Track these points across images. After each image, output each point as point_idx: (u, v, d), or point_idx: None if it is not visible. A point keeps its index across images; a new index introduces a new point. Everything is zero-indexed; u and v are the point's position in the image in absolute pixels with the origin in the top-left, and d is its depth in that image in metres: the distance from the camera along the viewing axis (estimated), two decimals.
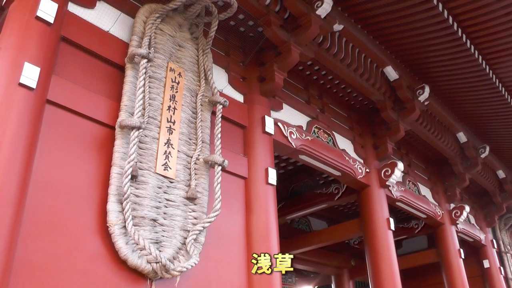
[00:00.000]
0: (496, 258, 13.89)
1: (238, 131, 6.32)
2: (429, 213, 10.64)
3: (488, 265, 13.48)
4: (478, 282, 13.41)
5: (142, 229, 4.37)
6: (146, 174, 4.59)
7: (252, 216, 5.86)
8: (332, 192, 9.95)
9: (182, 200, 4.86)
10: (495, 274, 13.46)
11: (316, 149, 7.49)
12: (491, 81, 8.14)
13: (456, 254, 11.37)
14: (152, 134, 4.82)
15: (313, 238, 11.49)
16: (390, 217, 8.75)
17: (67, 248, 3.95)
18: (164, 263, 4.25)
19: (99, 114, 4.58)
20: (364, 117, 9.36)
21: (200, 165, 5.15)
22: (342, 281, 14.61)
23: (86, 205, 4.22)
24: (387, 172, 8.71)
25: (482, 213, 14.32)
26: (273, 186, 6.25)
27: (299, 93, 7.89)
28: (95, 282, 4.04)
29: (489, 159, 11.75)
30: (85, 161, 4.37)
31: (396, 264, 8.45)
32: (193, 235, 4.72)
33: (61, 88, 4.37)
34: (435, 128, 9.90)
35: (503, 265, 14.16)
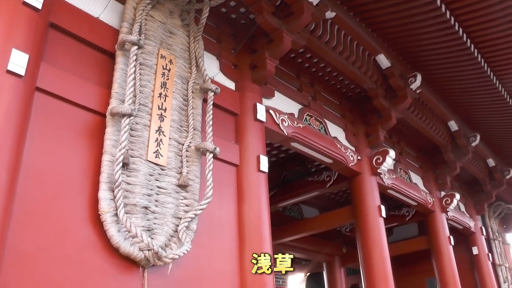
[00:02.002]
0: (484, 245, 14.05)
1: (230, 118, 6.30)
2: (420, 200, 10.72)
3: (477, 252, 13.64)
4: (467, 268, 13.56)
5: (134, 216, 4.36)
6: (137, 162, 4.58)
7: (244, 204, 5.87)
8: (323, 180, 9.97)
9: (173, 188, 4.85)
10: (483, 261, 13.63)
11: (308, 137, 7.49)
12: (483, 69, 8.16)
13: (446, 241, 11.48)
14: (143, 121, 4.79)
15: (305, 225, 11.54)
16: (382, 204, 8.79)
17: (58, 237, 3.94)
18: (156, 251, 4.26)
19: (90, 102, 4.54)
20: (356, 105, 9.37)
21: (192, 153, 5.14)
22: (333, 268, 14.71)
23: (77, 193, 4.20)
24: (379, 160, 8.74)
25: (472, 201, 14.44)
26: (265, 173, 6.26)
27: (291, 80, 7.88)
28: (88, 270, 4.03)
29: (479, 148, 11.83)
30: (76, 149, 4.34)
31: (387, 251, 8.52)
32: (185, 222, 4.72)
33: (51, 75, 4.32)
34: (426, 117, 9.93)
35: (491, 252, 14.33)
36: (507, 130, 11.08)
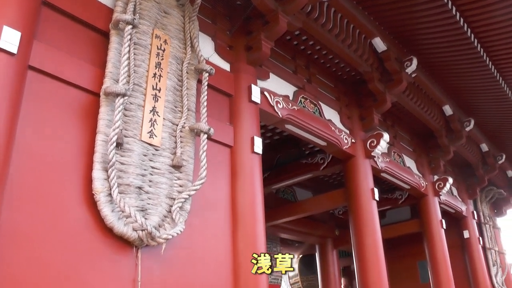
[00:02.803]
0: (475, 229, 14.19)
1: (224, 99, 6.29)
2: (413, 184, 10.78)
3: (468, 236, 13.78)
4: (458, 251, 13.73)
5: (128, 196, 4.37)
6: (131, 142, 4.57)
7: (238, 185, 5.88)
8: (317, 162, 9.99)
9: (167, 168, 4.86)
10: (474, 244, 13.78)
11: (302, 119, 7.49)
12: (479, 54, 8.14)
13: (438, 224, 11.58)
14: (137, 101, 4.77)
15: (298, 207, 11.60)
16: (375, 187, 8.84)
17: (52, 217, 3.94)
18: (150, 231, 4.27)
19: (84, 81, 4.51)
20: (351, 88, 9.36)
21: (186, 133, 5.13)
22: (326, 250, 14.81)
23: (71, 173, 4.19)
24: (373, 143, 8.76)
25: (465, 185, 14.54)
26: (259, 155, 6.27)
27: (286, 63, 7.85)
28: (81, 250, 4.04)
29: (473, 133, 11.87)
30: (70, 128, 4.32)
31: (379, 234, 8.58)
32: (178, 203, 4.73)
33: (44, 53, 4.28)
34: (421, 101, 9.94)
35: (482, 236, 14.48)
36: (501, 116, 11.12)
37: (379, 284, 8.16)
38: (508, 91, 9.50)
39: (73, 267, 3.95)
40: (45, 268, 3.77)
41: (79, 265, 3.99)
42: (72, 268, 3.94)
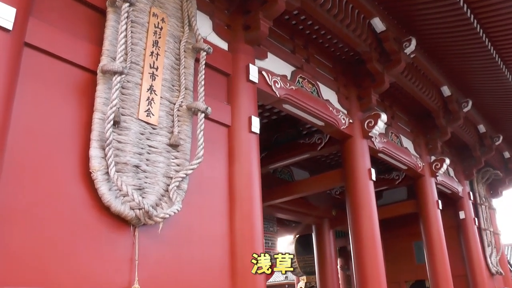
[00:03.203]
0: (471, 210, 14.28)
1: (222, 79, 6.26)
2: (410, 164, 10.81)
3: (464, 216, 13.87)
4: (454, 232, 13.83)
5: (125, 175, 4.37)
6: (128, 120, 4.56)
7: (235, 164, 5.89)
8: (315, 142, 10.00)
9: (164, 147, 4.86)
10: (469, 225, 13.88)
11: (300, 99, 7.47)
12: (478, 35, 8.09)
13: (434, 205, 11.65)
14: (135, 79, 4.75)
15: (295, 187, 11.62)
16: (372, 168, 8.86)
17: (49, 195, 3.95)
18: (147, 210, 4.28)
19: (81, 59, 4.48)
20: (349, 68, 9.32)
21: (183, 112, 5.12)
22: (322, 230, 14.90)
23: (68, 151, 4.19)
24: (370, 123, 8.76)
25: (461, 166, 14.59)
26: (256, 134, 6.26)
27: (284, 42, 7.81)
28: (79, 228, 4.06)
29: (471, 114, 11.87)
30: (67, 106, 4.30)
31: (376, 214, 8.63)
32: (176, 182, 4.74)
33: (40, 30, 4.24)
34: (419, 81, 9.92)
35: (477, 217, 14.57)
36: (499, 97, 11.11)
37: (375, 264, 8.22)
38: (507, 72, 9.48)
39: (70, 245, 3.96)
40: (42, 246, 3.78)
41: (76, 243, 4.01)
42: (69, 246, 3.95)
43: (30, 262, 3.68)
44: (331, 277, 14.56)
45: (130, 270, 4.32)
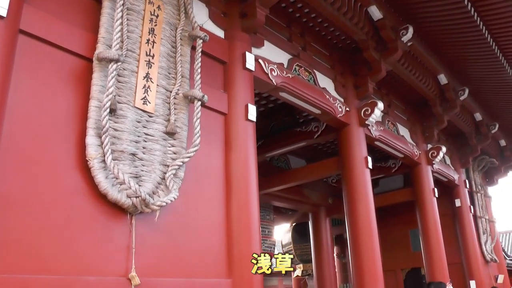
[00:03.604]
0: (467, 198, 14.36)
1: (218, 67, 6.25)
2: (406, 152, 10.83)
3: (460, 204, 13.95)
4: (449, 220, 13.91)
5: (122, 163, 4.37)
6: (124, 108, 4.55)
7: (232, 152, 5.89)
8: (311, 131, 10.01)
9: (161, 135, 4.85)
10: (465, 213, 13.96)
11: (297, 87, 7.47)
12: (476, 23, 8.08)
13: (430, 193, 11.70)
14: (131, 67, 4.74)
15: (291, 175, 11.64)
16: (368, 156, 8.88)
17: (46, 183, 3.94)
18: (143, 198, 4.29)
19: (76, 46, 4.46)
20: (346, 56, 9.30)
21: (180, 100, 5.11)
22: (319, 218, 14.94)
23: (64, 139, 4.18)
24: (367, 111, 8.76)
25: (458, 154, 14.64)
26: (253, 122, 6.26)
27: (281, 30, 7.78)
28: (75, 216, 4.06)
29: (467, 102, 11.88)
30: (62, 94, 4.28)
31: (372, 202, 8.66)
32: (172, 170, 4.74)
33: (35, 17, 4.20)
34: (416, 69, 9.92)
35: (473, 204, 14.66)
36: (496, 85, 11.11)
37: (371, 252, 8.27)
38: (504, 60, 9.47)
39: (67, 234, 3.97)
40: (39, 235, 3.78)
41: (73, 232, 4.01)
42: (66, 235, 3.96)
43: (27, 250, 3.68)
44: (328, 265, 14.64)
45: (127, 258, 4.33)
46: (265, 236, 12.77)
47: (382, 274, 8.34)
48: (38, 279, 3.66)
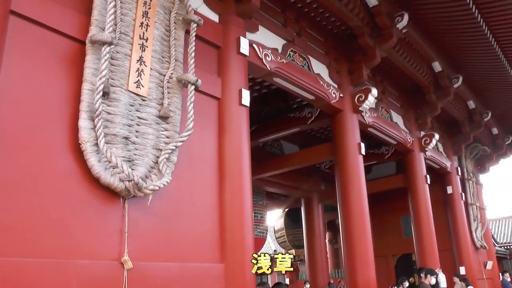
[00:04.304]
0: (459, 185, 14.46)
1: (213, 51, 6.21)
2: (399, 139, 10.86)
3: (451, 191, 14.06)
4: (441, 206, 14.03)
5: (114, 147, 4.35)
6: (118, 91, 4.52)
7: (225, 137, 5.88)
8: (305, 116, 10.01)
9: (154, 119, 4.83)
10: (456, 200, 14.08)
11: (291, 72, 7.44)
12: (471, 11, 8.06)
13: (422, 179, 11.77)
14: (124, 50, 4.69)
15: (285, 161, 11.66)
16: (362, 142, 8.89)
17: (38, 166, 3.92)
18: (136, 181, 4.28)
19: (69, 28, 4.40)
20: (341, 42, 9.27)
21: (173, 84, 5.08)
22: (311, 204, 15.02)
23: (57, 121, 4.14)
24: (361, 98, 8.76)
25: (450, 141, 14.71)
26: (247, 107, 6.25)
27: (276, 15, 7.73)
28: (68, 200, 4.05)
29: (461, 90, 11.91)
30: (55, 76, 4.24)
31: (364, 188, 8.70)
32: (165, 154, 4.73)
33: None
34: (411, 57, 9.91)
35: (464, 192, 14.77)
36: (490, 73, 11.12)
37: (363, 238, 8.32)
38: (498, 48, 9.47)
39: (60, 217, 3.96)
40: (32, 218, 3.77)
41: (65, 215, 4.00)
42: (59, 218, 3.95)
43: (20, 234, 3.67)
44: (319, 251, 14.75)
45: (120, 242, 4.33)
46: (257, 222, 12.81)
47: (373, 260, 8.41)
48: (31, 263, 3.66)
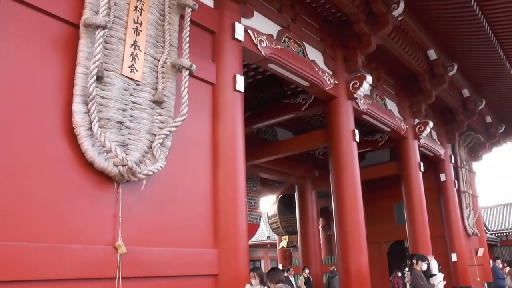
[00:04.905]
0: (452, 172, 14.54)
1: (207, 36, 6.18)
2: (394, 126, 10.88)
3: (445, 179, 14.15)
4: (434, 194, 14.12)
5: (108, 131, 4.35)
6: (112, 76, 4.50)
7: (219, 123, 5.88)
8: (299, 103, 10.01)
9: (148, 104, 4.82)
10: (449, 187, 14.17)
11: (286, 59, 7.42)
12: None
13: (416, 167, 11.82)
14: (118, 34, 4.67)
15: (279, 147, 11.65)
16: (356, 129, 8.90)
17: (32, 150, 3.91)
18: (130, 166, 4.28)
19: (62, 11, 4.37)
20: (336, 29, 9.24)
21: (168, 69, 5.06)
22: (305, 190, 15.07)
23: (50, 105, 4.13)
24: (356, 85, 8.75)
25: (444, 129, 14.76)
26: (241, 93, 6.24)
27: (271, 1, 7.68)
28: (62, 184, 4.05)
29: (456, 78, 11.93)
30: (48, 60, 4.21)
31: (358, 175, 8.72)
32: (159, 139, 4.72)
33: None
34: (406, 44, 9.90)
35: (457, 179, 14.86)
36: (484, 62, 11.13)
37: (356, 225, 8.36)
38: (493, 37, 9.47)
39: (54, 202, 3.96)
40: (26, 202, 3.77)
41: (59, 200, 4.00)
42: (53, 203, 3.96)
43: (14, 218, 3.67)
44: (313, 237, 14.83)
45: (114, 226, 4.35)
46: (251, 208, 12.83)
47: (366, 246, 8.46)
48: (25, 247, 3.66)
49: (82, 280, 4.02)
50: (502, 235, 27.51)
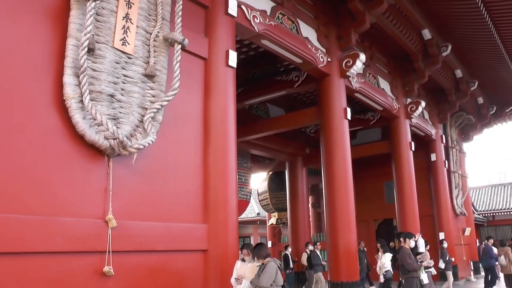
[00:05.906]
0: (442, 152, 14.64)
1: (200, 10, 6.11)
2: (386, 105, 10.90)
3: (435, 159, 14.24)
4: (424, 173, 14.25)
5: (100, 104, 4.32)
6: (103, 48, 4.45)
7: (211, 98, 5.86)
8: (292, 80, 9.98)
9: (140, 77, 4.78)
10: (439, 167, 14.29)
11: (279, 35, 7.37)
12: None
13: (407, 146, 11.88)
14: (110, 7, 4.61)
15: (270, 124, 11.63)
16: (348, 107, 8.90)
17: (22, 121, 3.89)
18: (121, 140, 4.27)
19: None
20: (330, 6, 9.17)
21: (160, 43, 5.02)
22: (295, 167, 15.09)
23: (41, 77, 4.09)
24: (349, 63, 8.73)
25: (436, 109, 14.81)
26: (233, 68, 6.21)
27: None
28: (53, 156, 4.04)
29: (449, 58, 11.93)
30: (39, 30, 4.16)
31: (349, 153, 8.76)
32: (150, 113, 4.70)
33: None
34: (401, 23, 9.85)
35: (448, 159, 14.98)
36: (478, 43, 11.11)
37: (345, 203, 8.43)
38: (488, 18, 9.44)
39: (44, 174, 3.96)
40: (16, 174, 3.76)
41: (50, 172, 4.00)
42: (43, 175, 3.95)
43: (2, 190, 3.66)
44: (302, 214, 14.90)
45: (104, 200, 4.36)
46: (242, 184, 12.85)
47: (355, 224, 8.54)
48: (14, 218, 3.66)
49: (72, 253, 4.04)
50: (489, 216, 27.86)
